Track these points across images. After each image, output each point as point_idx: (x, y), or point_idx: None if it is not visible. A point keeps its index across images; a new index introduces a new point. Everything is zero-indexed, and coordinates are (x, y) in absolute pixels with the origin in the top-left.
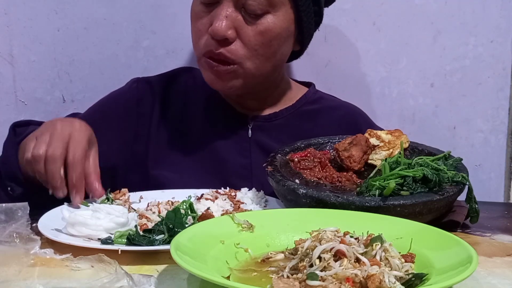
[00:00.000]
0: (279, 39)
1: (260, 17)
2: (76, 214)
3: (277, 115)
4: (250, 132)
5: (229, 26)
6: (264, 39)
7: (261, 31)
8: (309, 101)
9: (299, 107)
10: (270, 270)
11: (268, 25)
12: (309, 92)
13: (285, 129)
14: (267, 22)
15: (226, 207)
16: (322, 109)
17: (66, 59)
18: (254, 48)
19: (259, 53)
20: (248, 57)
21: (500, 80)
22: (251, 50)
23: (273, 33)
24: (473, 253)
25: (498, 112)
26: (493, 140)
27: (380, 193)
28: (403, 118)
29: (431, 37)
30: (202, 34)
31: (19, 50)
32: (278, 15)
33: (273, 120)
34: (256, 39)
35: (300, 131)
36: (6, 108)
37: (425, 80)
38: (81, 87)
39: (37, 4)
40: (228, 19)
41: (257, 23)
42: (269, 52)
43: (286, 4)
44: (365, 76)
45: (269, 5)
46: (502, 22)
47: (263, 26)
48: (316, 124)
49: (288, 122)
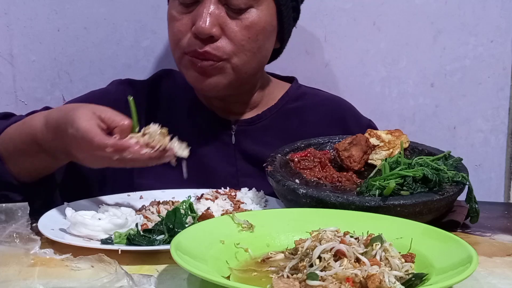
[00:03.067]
0: (264, 34)
1: (244, 12)
2: (77, 214)
3: (260, 117)
4: (234, 138)
5: (214, 23)
6: (250, 34)
7: (246, 26)
8: (292, 98)
9: (282, 106)
10: (270, 270)
11: (253, 19)
12: (292, 89)
13: (269, 130)
14: (252, 16)
15: (226, 207)
16: (306, 105)
17: (66, 59)
18: (241, 44)
19: (246, 48)
20: (235, 52)
21: (500, 80)
22: (238, 45)
23: (259, 27)
24: (473, 253)
25: (498, 112)
26: (493, 140)
27: (380, 193)
28: (403, 118)
29: (431, 37)
30: (183, 34)
31: (19, 50)
32: (262, 9)
33: (257, 122)
34: (243, 34)
35: (285, 130)
36: (6, 108)
37: (425, 80)
38: (81, 87)
39: (37, 4)
40: (211, 16)
41: (241, 18)
42: (255, 47)
43: None
44: (365, 76)
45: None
46: (502, 22)
47: (248, 21)
48: (301, 122)
49: (272, 123)
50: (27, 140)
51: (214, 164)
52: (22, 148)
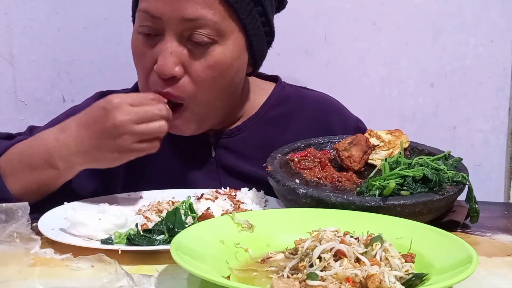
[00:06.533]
0: (231, 70)
1: (209, 49)
2: (77, 214)
3: (239, 129)
4: (214, 152)
5: (175, 62)
6: (215, 73)
7: (210, 65)
8: (274, 104)
9: (263, 114)
10: (270, 270)
11: (218, 57)
12: (275, 92)
13: (251, 142)
14: (217, 54)
15: (226, 207)
16: (289, 111)
17: (66, 59)
18: (205, 84)
19: (211, 87)
20: (199, 92)
21: (500, 80)
22: (201, 85)
23: (224, 65)
24: (473, 253)
25: (498, 112)
26: (493, 140)
27: (380, 193)
28: (403, 118)
29: (431, 37)
30: (147, 72)
31: (19, 50)
32: (228, 44)
33: (236, 134)
34: (206, 74)
35: (267, 140)
36: (6, 108)
37: (425, 80)
38: (81, 87)
39: (37, 4)
40: (173, 55)
41: (205, 57)
42: (222, 84)
43: (235, 31)
44: (365, 76)
45: (217, 35)
46: (502, 22)
47: (212, 60)
48: (283, 129)
49: (253, 133)
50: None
51: (197, 179)
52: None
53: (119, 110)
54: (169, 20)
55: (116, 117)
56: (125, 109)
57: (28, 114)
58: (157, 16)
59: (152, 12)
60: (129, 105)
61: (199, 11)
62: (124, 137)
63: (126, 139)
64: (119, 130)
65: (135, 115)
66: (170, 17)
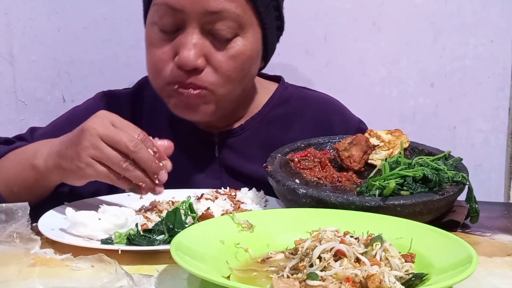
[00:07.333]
0: (250, 61)
1: (230, 41)
2: (77, 214)
3: (243, 128)
4: (217, 152)
5: (198, 54)
6: (236, 64)
7: (232, 56)
8: (276, 104)
9: (266, 113)
10: (270, 270)
11: (239, 48)
12: (277, 92)
13: (254, 141)
14: (238, 45)
15: (226, 207)
16: (292, 111)
17: (66, 59)
18: (227, 74)
19: (232, 78)
20: (221, 83)
21: (500, 80)
22: (223, 76)
23: (245, 56)
24: (473, 253)
25: (498, 112)
26: (493, 140)
27: (380, 193)
28: (403, 118)
29: (431, 37)
30: (165, 64)
31: (19, 50)
32: (248, 36)
33: (240, 133)
34: (228, 65)
35: (270, 139)
36: (6, 108)
37: (425, 80)
38: (81, 87)
39: (37, 4)
40: (196, 47)
41: (227, 48)
42: (241, 76)
43: (253, 24)
44: (365, 76)
45: (238, 27)
46: (502, 22)
47: (234, 50)
48: (285, 129)
49: (256, 132)
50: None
51: (199, 178)
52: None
53: (97, 119)
54: (192, 13)
55: (88, 122)
56: (103, 122)
57: (28, 114)
58: (179, 9)
59: (174, 5)
60: (110, 121)
61: (222, 4)
62: (84, 144)
63: (85, 148)
64: (83, 135)
65: (105, 131)
66: (193, 10)
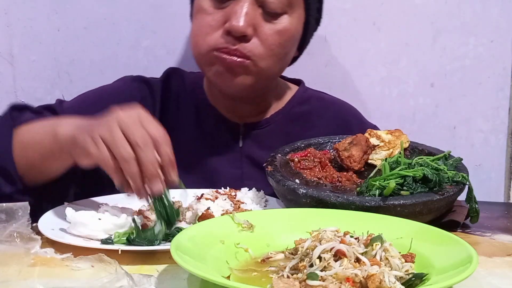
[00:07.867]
0: (292, 41)
1: (279, 17)
2: (77, 214)
3: (268, 121)
4: (241, 142)
5: (249, 23)
6: (281, 39)
7: (279, 31)
8: (299, 102)
9: (289, 109)
10: (270, 270)
11: (286, 25)
12: (299, 92)
13: (276, 135)
14: (285, 22)
15: (226, 207)
16: (313, 110)
17: (66, 59)
18: (271, 48)
19: (275, 53)
20: (264, 56)
21: (500, 80)
22: (268, 49)
23: (289, 33)
24: (473, 253)
25: (498, 112)
26: (493, 140)
27: (380, 193)
28: (403, 118)
29: (431, 37)
30: (213, 30)
31: (19, 50)
32: (294, 16)
33: (265, 126)
34: (274, 38)
35: (291, 135)
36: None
37: (425, 80)
38: (81, 87)
39: (37, 4)
40: (247, 16)
41: (275, 22)
42: (282, 53)
43: (300, 8)
44: (365, 76)
45: (288, 5)
46: (502, 22)
47: (281, 26)
48: (307, 126)
49: (279, 127)
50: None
51: (220, 166)
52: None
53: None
54: None
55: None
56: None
57: None
58: None
59: None
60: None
61: None
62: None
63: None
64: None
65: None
66: None
